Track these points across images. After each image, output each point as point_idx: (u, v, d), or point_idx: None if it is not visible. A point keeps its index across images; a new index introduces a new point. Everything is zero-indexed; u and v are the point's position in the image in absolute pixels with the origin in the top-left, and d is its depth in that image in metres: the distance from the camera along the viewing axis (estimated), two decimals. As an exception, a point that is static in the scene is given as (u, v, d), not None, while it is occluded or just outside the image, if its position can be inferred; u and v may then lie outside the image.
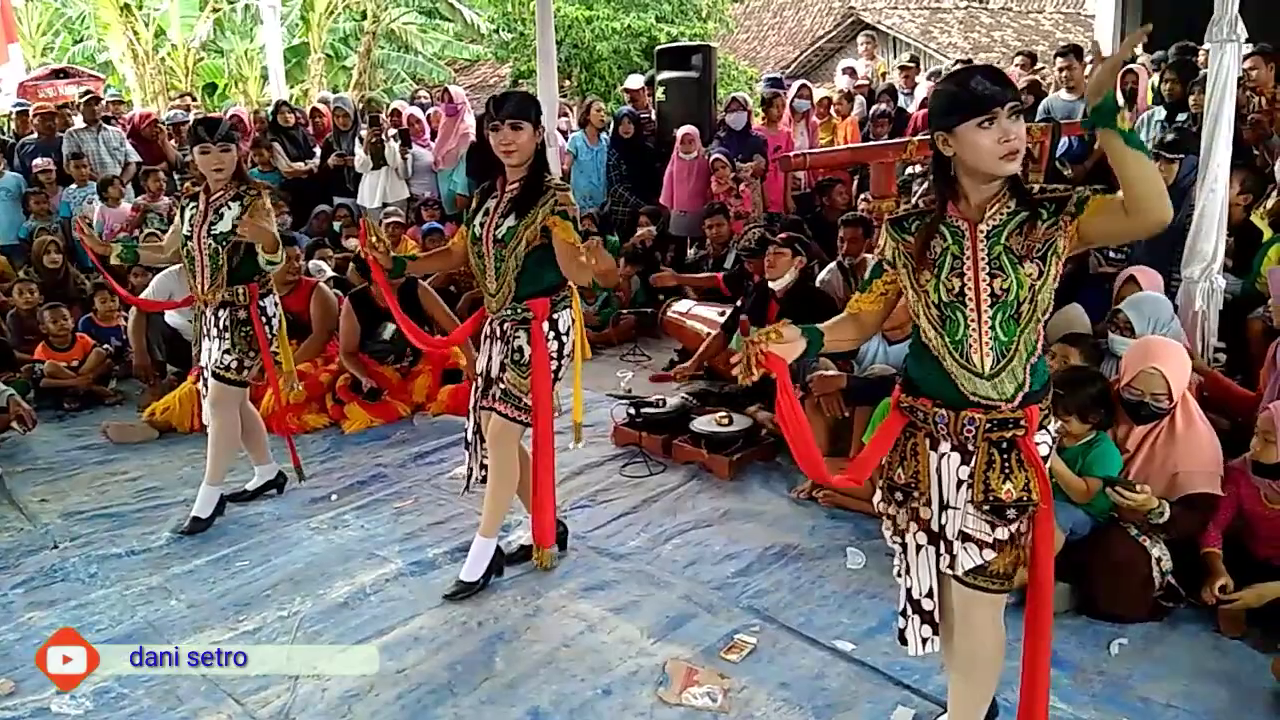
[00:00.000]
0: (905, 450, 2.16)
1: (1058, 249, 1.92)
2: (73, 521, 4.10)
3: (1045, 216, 1.92)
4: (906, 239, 2.08)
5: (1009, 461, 2.02)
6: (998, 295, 1.95)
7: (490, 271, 3.13)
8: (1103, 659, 2.86)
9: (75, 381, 5.71)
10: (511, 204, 3.07)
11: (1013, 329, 1.95)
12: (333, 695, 2.79)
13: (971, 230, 1.98)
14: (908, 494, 2.17)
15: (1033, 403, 2.00)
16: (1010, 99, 1.88)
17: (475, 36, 19.41)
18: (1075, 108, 6.64)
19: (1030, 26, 20.40)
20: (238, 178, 3.76)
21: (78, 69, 13.83)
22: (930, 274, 2.02)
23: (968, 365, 2.00)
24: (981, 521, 2.04)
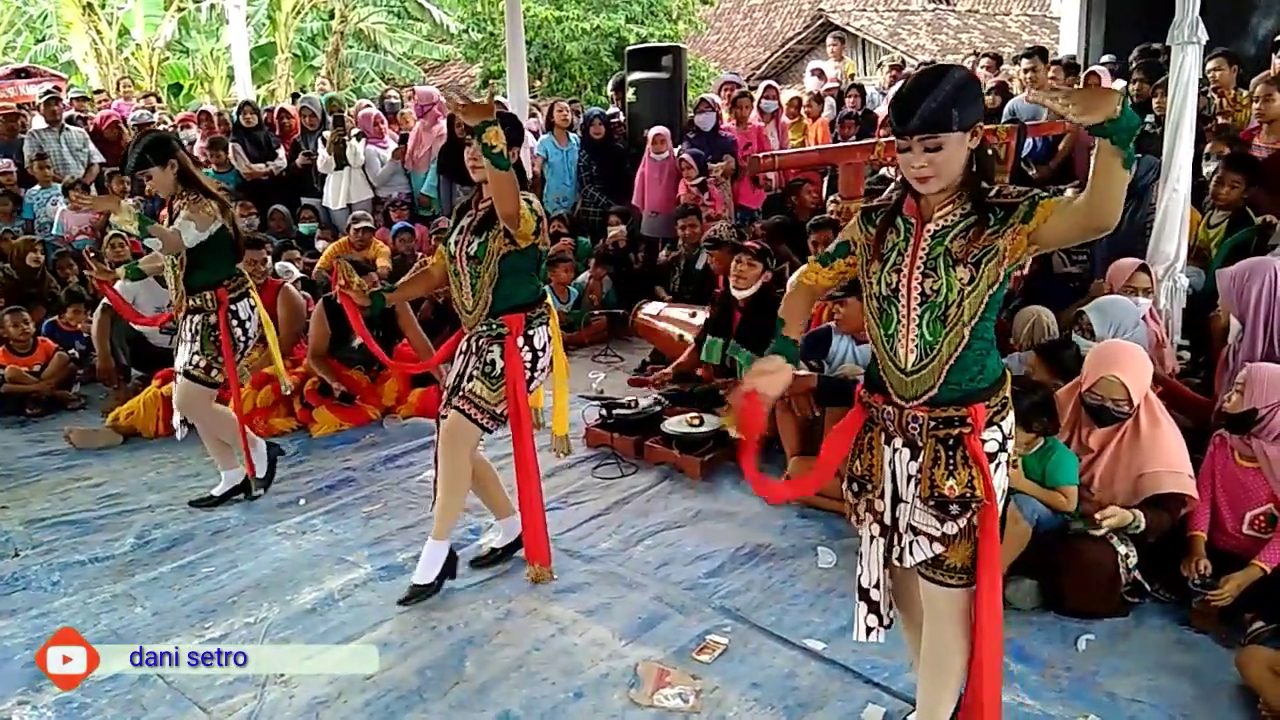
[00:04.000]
0: (863, 444, 2.21)
1: (997, 254, 1.92)
2: (34, 529, 4.03)
3: (992, 222, 1.92)
4: (870, 230, 2.10)
5: (954, 458, 2.04)
6: (927, 295, 1.97)
7: (466, 288, 3.13)
8: (1070, 655, 2.88)
9: (37, 387, 5.62)
10: (483, 221, 3.08)
11: (938, 330, 1.97)
12: (300, 702, 2.75)
13: (918, 228, 2.01)
14: (863, 486, 2.22)
15: (978, 401, 2.02)
16: (925, 132, 1.87)
17: (445, 36, 19.35)
18: (1040, 109, 6.71)
19: (997, 29, 20.63)
20: (186, 185, 3.74)
21: (39, 69, 13.58)
22: (878, 265, 2.05)
23: (893, 359, 2.05)
24: (929, 516, 2.08)
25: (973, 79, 1.93)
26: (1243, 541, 3.08)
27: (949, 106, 1.85)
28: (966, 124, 1.89)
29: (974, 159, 1.95)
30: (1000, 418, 2.06)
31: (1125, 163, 1.73)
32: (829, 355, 4.27)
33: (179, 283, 3.82)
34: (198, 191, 3.73)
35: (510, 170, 2.82)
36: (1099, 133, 1.69)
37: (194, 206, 3.67)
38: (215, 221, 3.74)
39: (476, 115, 2.71)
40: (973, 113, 1.90)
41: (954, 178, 1.94)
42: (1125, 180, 1.75)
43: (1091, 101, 1.68)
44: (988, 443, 2.04)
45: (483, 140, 2.71)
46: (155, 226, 3.64)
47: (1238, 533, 3.10)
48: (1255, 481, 3.08)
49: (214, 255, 3.80)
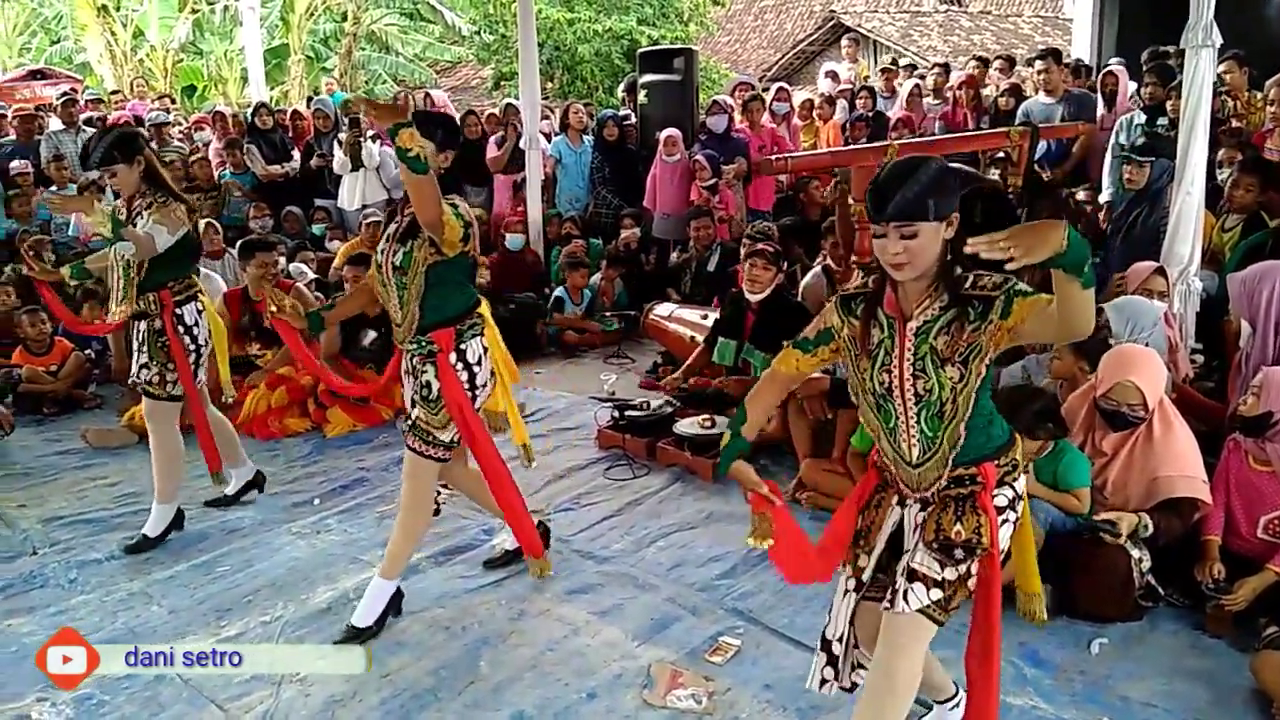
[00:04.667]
0: (872, 499, 2.21)
1: (981, 351, 1.93)
2: (52, 527, 4.06)
3: (972, 318, 1.92)
4: (852, 321, 2.09)
5: (963, 508, 2.04)
6: (921, 395, 1.99)
7: (394, 301, 3.00)
8: (1083, 659, 2.89)
9: (54, 386, 5.67)
10: (408, 229, 2.93)
11: (937, 425, 2.00)
12: (316, 701, 2.78)
13: (900, 326, 2.00)
14: (856, 539, 2.21)
15: (988, 460, 2.03)
16: (901, 219, 1.87)
17: (457, 38, 19.42)
18: (1053, 110, 6.71)
19: (1009, 30, 20.57)
20: (151, 185, 3.56)
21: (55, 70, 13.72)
22: (868, 363, 2.06)
23: (899, 453, 2.07)
24: (931, 559, 2.04)
25: (950, 171, 1.93)
26: (1257, 546, 3.08)
27: (925, 196, 1.86)
28: (942, 214, 1.89)
29: (949, 249, 1.94)
30: (1012, 478, 2.08)
31: (1084, 284, 1.71)
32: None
33: (129, 286, 3.62)
34: (165, 193, 3.55)
35: (429, 174, 2.68)
36: (1050, 266, 1.67)
37: (163, 210, 3.49)
38: (183, 225, 3.56)
39: (387, 118, 2.62)
40: (948, 203, 1.90)
41: (929, 266, 1.93)
42: (1089, 297, 1.74)
43: (1034, 241, 1.64)
44: (998, 498, 2.05)
45: (396, 143, 2.59)
46: (128, 229, 3.44)
47: (1252, 537, 3.10)
48: (1270, 485, 3.08)
49: (173, 260, 3.61)
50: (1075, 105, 6.78)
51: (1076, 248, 1.65)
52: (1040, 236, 1.64)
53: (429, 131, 2.77)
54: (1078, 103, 6.82)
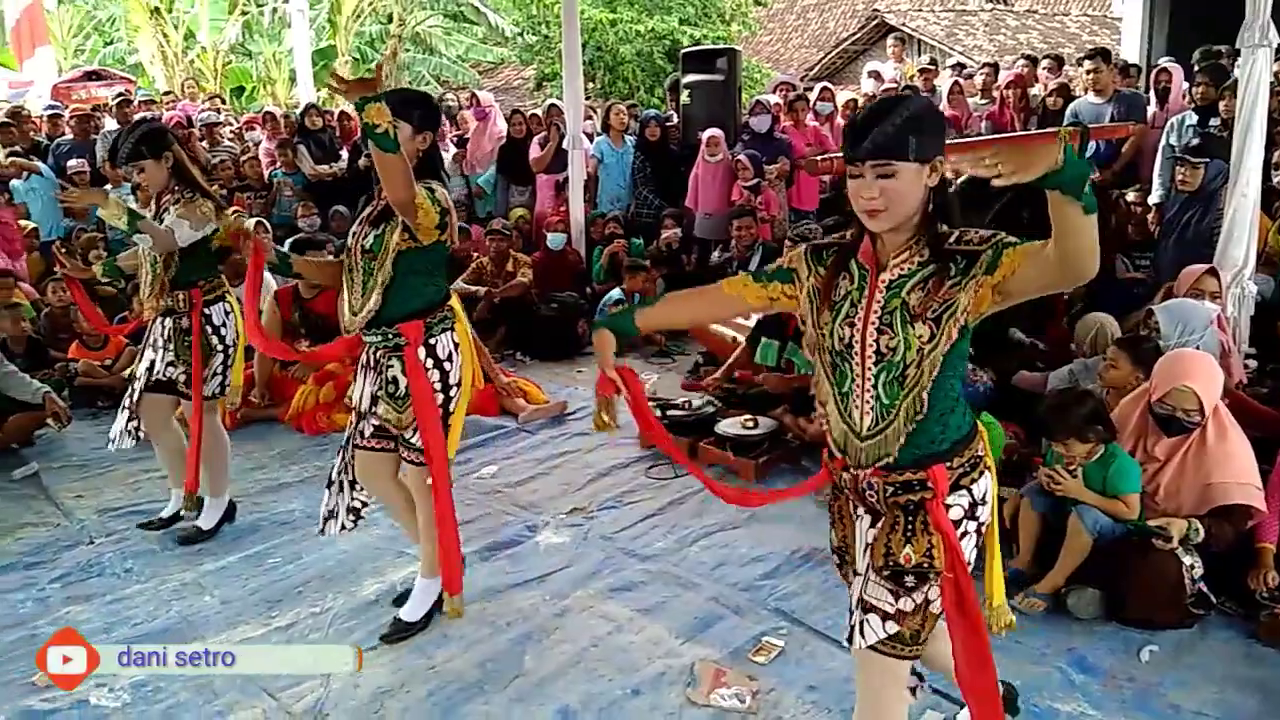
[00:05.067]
0: (836, 512, 2.06)
1: (957, 310, 1.73)
2: (107, 517, 4.17)
3: (953, 273, 1.73)
4: (819, 271, 1.91)
5: (913, 525, 1.85)
6: (883, 354, 1.79)
7: (357, 285, 2.83)
8: (1133, 665, 2.85)
9: (109, 380, 5.79)
10: (383, 212, 2.82)
11: (895, 392, 1.79)
12: (365, 692, 2.83)
13: (873, 277, 1.82)
14: (843, 558, 2.07)
15: (937, 462, 1.83)
16: (878, 157, 1.70)
17: (500, 39, 19.54)
18: (1103, 111, 6.62)
19: (1056, 29, 20.29)
20: (180, 182, 3.56)
21: (110, 71, 14.02)
22: (829, 315, 1.86)
23: (848, 421, 1.87)
24: (882, 589, 1.86)
25: (936, 111, 1.73)
26: (1313, 554, 3.02)
27: (906, 133, 1.69)
28: (924, 155, 1.71)
29: (932, 199, 1.77)
30: (969, 480, 1.86)
31: (1086, 209, 1.52)
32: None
33: (157, 281, 3.60)
34: (193, 189, 3.55)
35: (399, 153, 2.54)
36: (1045, 186, 1.48)
37: (188, 205, 3.49)
38: (210, 222, 3.56)
39: (356, 91, 2.47)
40: (932, 145, 1.73)
41: (907, 216, 1.76)
42: (1092, 227, 1.54)
43: (1025, 158, 1.46)
44: (952, 508, 1.85)
45: (364, 119, 2.45)
46: (145, 222, 3.42)
47: (1308, 545, 3.04)
48: (1327, 494, 3.02)
49: (202, 256, 3.63)
50: (1125, 105, 6.68)
51: (1075, 163, 1.47)
52: (1032, 151, 1.46)
53: (405, 112, 2.66)
54: (1127, 103, 6.71)
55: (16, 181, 7.42)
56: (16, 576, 3.65)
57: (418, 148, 2.77)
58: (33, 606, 3.42)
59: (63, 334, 6.14)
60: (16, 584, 3.58)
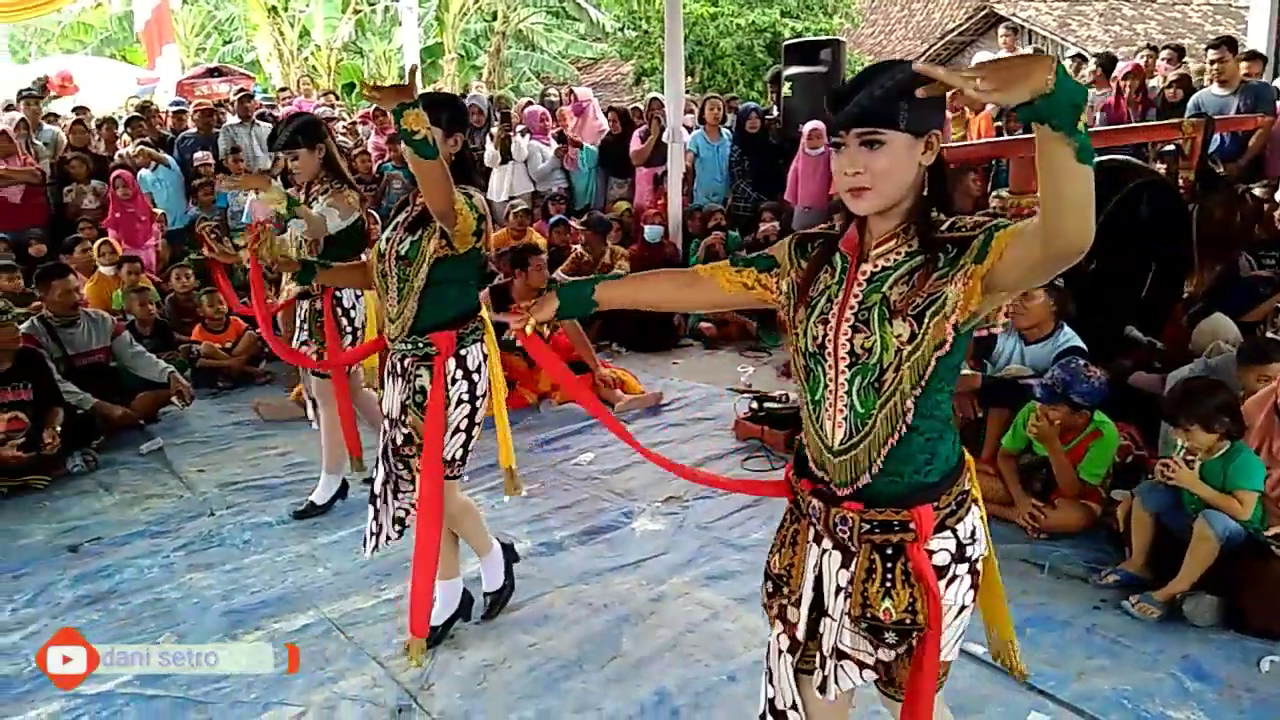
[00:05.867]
0: (787, 535, 1.79)
1: (945, 306, 1.50)
2: (228, 491, 4.38)
3: (941, 263, 1.52)
4: (801, 264, 1.70)
5: (893, 572, 1.61)
6: (857, 355, 1.56)
7: (392, 293, 2.79)
8: (1252, 676, 2.74)
9: (229, 362, 6.09)
10: (419, 218, 2.76)
11: (871, 400, 1.56)
12: (468, 663, 2.91)
13: (853, 269, 1.62)
14: (779, 586, 1.79)
15: (924, 501, 1.59)
16: (863, 124, 1.50)
17: (600, 35, 19.72)
18: (1228, 103, 6.35)
19: (1176, 19, 19.42)
20: (329, 172, 3.75)
21: (230, 68, 14.67)
22: (804, 313, 1.65)
23: (819, 433, 1.64)
24: (859, 639, 1.65)
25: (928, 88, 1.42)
26: None
27: (896, 97, 1.47)
28: (917, 126, 1.50)
29: (927, 182, 1.56)
30: (955, 519, 1.62)
31: (1079, 154, 1.27)
32: (993, 355, 4.16)
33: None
34: (340, 180, 3.73)
35: (438, 159, 2.48)
36: (1031, 116, 1.25)
37: (336, 195, 3.68)
38: (355, 212, 3.74)
39: (393, 99, 2.40)
40: (927, 116, 1.51)
41: (897, 198, 1.55)
42: (1085, 179, 1.29)
43: (1009, 75, 1.24)
44: (937, 554, 1.61)
45: (401, 125, 2.39)
46: (302, 208, 3.62)
47: None
48: None
49: (346, 244, 3.76)
50: (1252, 97, 6.38)
51: (1069, 88, 1.23)
52: (1019, 69, 1.24)
53: (434, 115, 2.58)
54: (1255, 94, 6.41)
55: (145, 172, 7.83)
56: (144, 544, 3.87)
57: (450, 151, 2.72)
58: (159, 572, 3.62)
59: (186, 318, 6.47)
60: (144, 551, 3.80)
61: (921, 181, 1.56)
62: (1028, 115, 1.25)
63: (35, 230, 7.36)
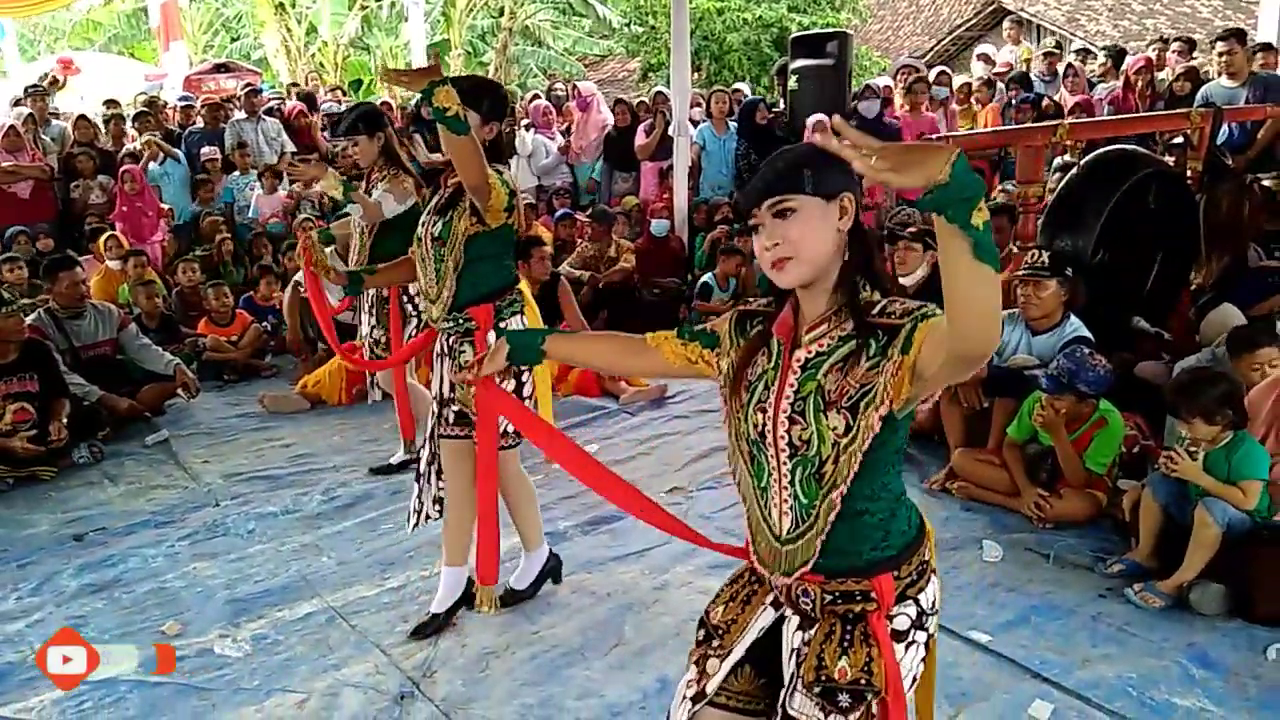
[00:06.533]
0: (740, 592, 1.75)
1: (875, 397, 1.47)
2: (232, 482, 4.39)
3: (873, 351, 1.48)
4: (740, 343, 1.65)
5: (851, 634, 1.58)
6: (796, 446, 1.53)
7: (430, 274, 2.87)
8: (1259, 663, 2.72)
9: (234, 355, 6.11)
10: (450, 199, 2.84)
11: (813, 491, 1.53)
12: (471, 651, 2.91)
13: (787, 355, 1.57)
14: (709, 637, 1.75)
15: (884, 570, 1.57)
16: (770, 194, 1.49)
17: (606, 31, 19.70)
18: (1236, 94, 6.30)
19: (1185, 14, 19.30)
20: (388, 161, 3.93)
21: (237, 64, 14.67)
22: (745, 398, 1.60)
23: (766, 521, 1.61)
24: (812, 706, 1.58)
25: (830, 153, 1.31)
26: None
27: (800, 165, 1.47)
28: (826, 189, 1.48)
29: (850, 249, 1.53)
30: (916, 589, 1.60)
31: (976, 251, 1.21)
32: (1000, 346, 4.13)
33: (363, 251, 3.97)
34: (398, 167, 3.90)
35: (469, 135, 2.53)
36: (926, 205, 1.21)
37: (393, 181, 3.85)
38: (411, 197, 3.89)
39: (422, 79, 2.47)
40: (835, 179, 1.48)
41: (820, 265, 1.51)
42: (984, 281, 1.24)
43: (906, 159, 1.20)
44: (897, 618, 1.59)
45: (433, 103, 2.44)
46: (358, 194, 3.77)
47: None
48: None
49: (403, 230, 3.73)
50: (1261, 88, 6.31)
51: (964, 180, 1.18)
52: (916, 154, 1.21)
53: (475, 100, 2.67)
54: (1264, 85, 6.35)
55: (153, 165, 7.84)
56: (149, 534, 3.88)
57: (484, 137, 2.75)
58: (163, 561, 3.63)
59: (192, 311, 6.49)
60: (148, 540, 3.81)
61: (843, 249, 1.53)
62: (923, 204, 1.21)
63: (43, 225, 7.38)
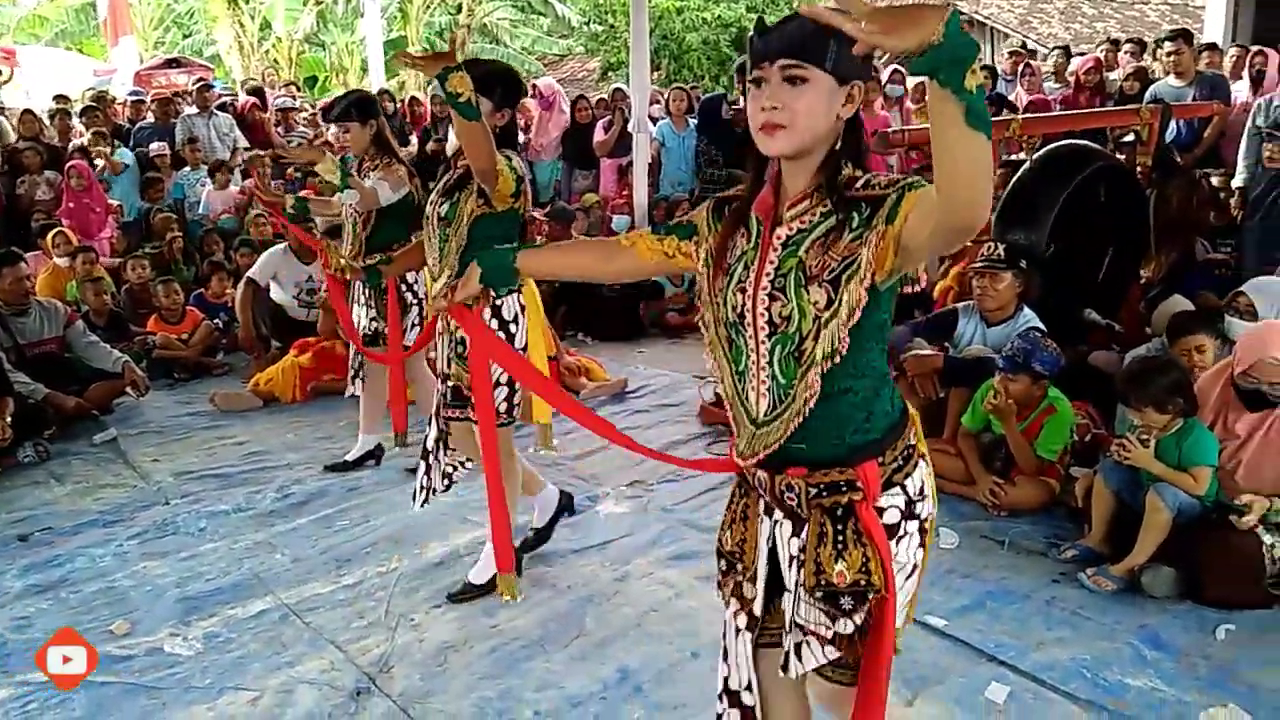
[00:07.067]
0: (736, 511, 1.75)
1: (859, 270, 1.44)
2: (183, 480, 4.29)
3: (855, 224, 1.46)
4: (717, 229, 1.64)
5: (844, 534, 1.56)
6: (776, 324, 1.51)
7: (436, 253, 2.96)
8: (1208, 644, 2.76)
9: (185, 353, 5.99)
10: (458, 181, 2.92)
11: (792, 370, 1.51)
12: (429, 646, 2.87)
13: (766, 233, 1.55)
14: (731, 564, 1.76)
15: (868, 457, 1.54)
16: (789, 56, 1.43)
17: (565, 31, 19.66)
18: (1184, 93, 6.43)
19: (1135, 17, 19.71)
20: (380, 149, 3.87)
21: (189, 59, 14.45)
22: (723, 281, 1.59)
23: (744, 404, 1.60)
24: (817, 612, 1.58)
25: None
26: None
27: (826, 35, 1.38)
28: (843, 71, 1.43)
29: (842, 138, 1.50)
30: (903, 474, 1.58)
31: (968, 117, 1.18)
32: (954, 337, 4.18)
33: (356, 241, 3.91)
34: (390, 155, 3.85)
35: (480, 120, 2.60)
36: (920, 68, 1.17)
37: (387, 169, 3.79)
38: (404, 185, 3.83)
39: (437, 64, 2.53)
40: (854, 65, 1.43)
41: (810, 144, 1.47)
42: (976, 146, 1.21)
43: (898, 21, 1.16)
44: (887, 511, 1.57)
45: (446, 88, 2.51)
46: (355, 179, 3.72)
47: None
48: None
49: (396, 218, 3.87)
50: (1207, 87, 6.46)
51: (957, 40, 1.15)
52: (909, 15, 1.16)
53: (487, 88, 2.72)
54: (1210, 84, 6.50)
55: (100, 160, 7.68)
56: (97, 533, 3.78)
57: (495, 123, 2.81)
58: (111, 561, 3.54)
59: (142, 308, 6.36)
60: (96, 540, 3.71)
61: (836, 136, 1.50)
62: (917, 67, 1.17)
63: (-13, 222, 7.21)
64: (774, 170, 1.56)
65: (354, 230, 3.92)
